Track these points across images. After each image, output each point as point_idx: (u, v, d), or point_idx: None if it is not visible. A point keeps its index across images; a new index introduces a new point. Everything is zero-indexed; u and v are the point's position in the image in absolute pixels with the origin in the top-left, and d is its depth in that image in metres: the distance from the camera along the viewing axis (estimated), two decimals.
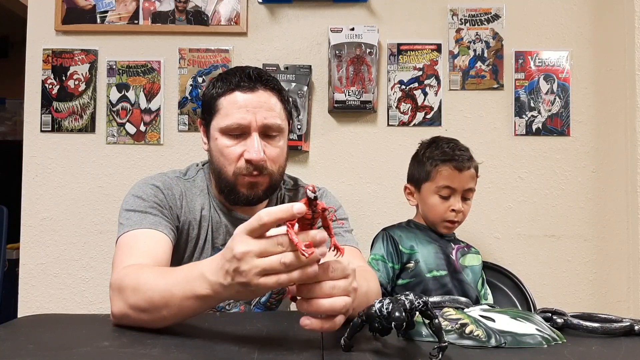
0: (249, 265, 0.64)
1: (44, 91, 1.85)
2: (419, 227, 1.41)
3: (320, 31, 1.86)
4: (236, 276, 0.65)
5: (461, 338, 0.75)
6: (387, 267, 1.32)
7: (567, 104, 1.85)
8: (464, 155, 1.35)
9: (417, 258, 1.33)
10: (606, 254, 1.84)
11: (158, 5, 1.86)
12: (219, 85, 1.11)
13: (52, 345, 0.73)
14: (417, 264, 1.32)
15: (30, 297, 1.82)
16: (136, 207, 1.05)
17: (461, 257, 1.39)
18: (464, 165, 1.33)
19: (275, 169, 1.10)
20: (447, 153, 1.35)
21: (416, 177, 1.40)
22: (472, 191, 1.37)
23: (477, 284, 1.41)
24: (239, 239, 0.66)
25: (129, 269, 0.88)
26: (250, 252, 0.64)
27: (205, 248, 1.14)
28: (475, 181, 1.37)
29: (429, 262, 1.33)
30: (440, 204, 1.34)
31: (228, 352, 0.70)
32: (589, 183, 1.85)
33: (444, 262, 1.35)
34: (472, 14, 1.86)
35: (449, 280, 1.33)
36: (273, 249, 0.64)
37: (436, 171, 1.34)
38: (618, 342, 0.78)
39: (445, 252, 1.36)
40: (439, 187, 1.33)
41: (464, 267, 1.38)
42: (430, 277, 1.32)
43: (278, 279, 0.64)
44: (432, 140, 1.42)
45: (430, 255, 1.34)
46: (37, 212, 1.83)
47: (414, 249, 1.34)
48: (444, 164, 1.34)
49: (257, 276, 0.64)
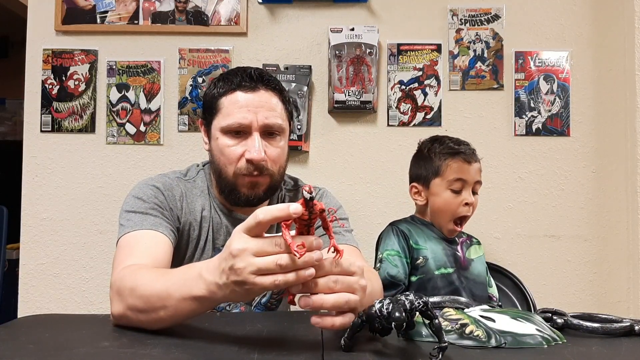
0: (244, 263, 0.64)
1: (44, 91, 1.85)
2: (424, 223, 1.40)
3: (320, 31, 1.86)
4: (231, 274, 0.65)
5: (461, 338, 0.75)
6: (403, 261, 1.30)
7: (567, 104, 1.85)
8: (470, 149, 1.36)
9: (426, 255, 1.32)
10: (606, 254, 1.84)
11: (158, 6, 1.86)
12: (221, 85, 1.11)
13: (52, 346, 0.73)
14: (427, 261, 1.32)
15: (30, 298, 1.82)
16: (137, 208, 1.05)
17: (467, 250, 1.39)
18: (472, 157, 1.34)
19: (275, 169, 1.11)
20: (454, 147, 1.35)
21: (424, 175, 1.38)
22: (480, 184, 1.37)
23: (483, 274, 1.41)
24: (236, 237, 0.66)
25: (127, 270, 0.88)
26: (247, 250, 0.64)
27: (206, 249, 1.14)
28: (480, 175, 1.37)
29: (437, 259, 1.33)
30: (453, 199, 1.33)
31: (228, 352, 0.69)
32: (589, 183, 1.85)
33: (452, 259, 1.34)
34: (472, 14, 1.86)
35: (456, 278, 1.33)
36: (270, 249, 0.64)
37: (446, 165, 1.33)
38: (618, 342, 0.78)
39: (451, 248, 1.36)
40: (451, 181, 1.33)
41: (470, 260, 1.37)
42: (439, 275, 1.31)
43: (275, 280, 0.63)
44: (434, 138, 1.42)
45: (438, 252, 1.34)
46: (37, 212, 1.83)
47: (423, 244, 1.34)
48: (453, 158, 1.33)
49: (253, 275, 0.64)
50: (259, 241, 0.64)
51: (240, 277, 0.64)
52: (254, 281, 0.64)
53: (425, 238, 1.35)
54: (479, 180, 1.36)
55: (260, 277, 0.64)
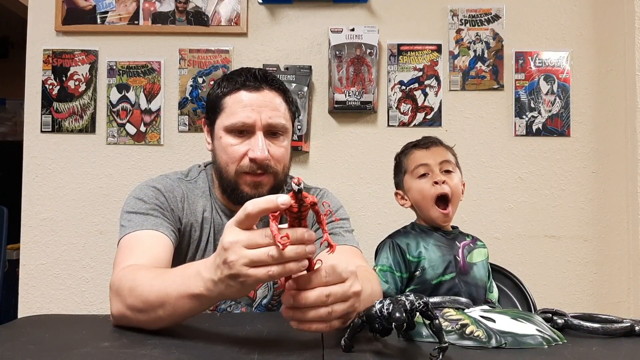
0: (236, 255, 0.64)
1: (44, 92, 1.85)
2: (423, 229, 1.39)
3: (320, 31, 1.86)
4: (224, 268, 0.66)
5: (461, 339, 0.75)
6: (395, 277, 1.30)
7: (567, 105, 1.85)
8: (430, 138, 1.38)
9: (424, 265, 1.32)
10: (606, 255, 1.84)
11: (158, 6, 1.86)
12: (225, 85, 1.11)
13: (53, 346, 0.73)
14: (424, 271, 1.31)
15: (31, 298, 1.82)
16: (137, 209, 1.05)
17: (468, 254, 1.38)
18: (429, 143, 1.35)
19: (279, 169, 1.11)
20: (411, 142, 1.39)
21: (399, 179, 1.42)
22: (451, 163, 1.34)
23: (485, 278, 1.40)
24: (227, 231, 0.67)
25: (126, 270, 0.88)
26: (238, 242, 0.64)
27: (207, 250, 1.14)
28: (450, 156, 1.36)
29: (437, 267, 1.32)
30: (424, 184, 1.33)
31: (228, 352, 0.70)
32: (589, 183, 1.85)
33: (451, 265, 1.33)
34: (472, 14, 1.86)
35: (456, 283, 1.32)
36: (261, 240, 0.64)
37: (407, 159, 1.36)
38: (618, 342, 0.78)
39: (451, 254, 1.35)
40: (415, 171, 1.34)
41: (471, 265, 1.37)
42: (437, 283, 1.31)
43: (268, 271, 0.64)
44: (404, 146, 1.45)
45: (437, 260, 1.32)
46: (37, 212, 1.83)
47: (421, 255, 1.33)
48: (411, 150, 1.37)
49: (246, 267, 0.64)
50: (250, 233, 0.65)
51: (233, 270, 0.65)
52: (247, 273, 0.64)
53: (425, 246, 1.34)
54: (446, 160, 1.34)
55: (253, 268, 0.64)
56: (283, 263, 0.64)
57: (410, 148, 1.38)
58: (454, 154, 1.39)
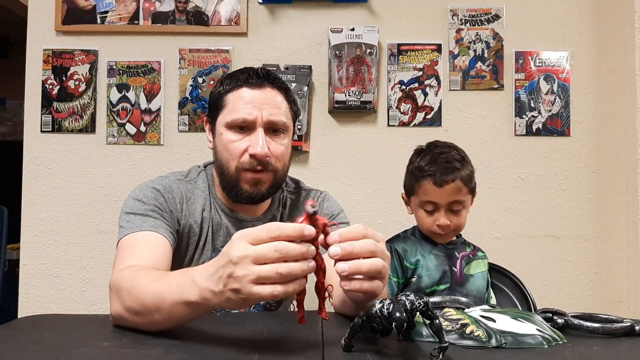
0: (244, 270, 0.63)
1: (44, 91, 1.85)
2: (423, 236, 1.38)
3: (320, 31, 1.86)
4: (230, 282, 0.65)
5: (462, 338, 0.75)
6: (391, 282, 1.30)
7: (567, 104, 1.85)
8: (447, 169, 1.26)
9: (420, 273, 1.31)
10: (606, 254, 1.84)
11: (158, 6, 1.86)
12: (227, 82, 1.12)
13: (53, 346, 0.73)
14: (420, 279, 1.31)
15: (31, 298, 1.82)
16: (136, 210, 1.05)
17: (466, 265, 1.35)
18: (444, 179, 1.25)
19: (279, 166, 1.11)
20: (426, 168, 1.28)
21: (407, 188, 1.37)
22: (461, 203, 1.29)
23: (483, 289, 1.39)
24: (236, 244, 0.65)
25: (126, 271, 0.88)
26: (248, 257, 0.63)
27: (206, 249, 1.14)
28: (464, 192, 1.28)
29: (432, 276, 1.31)
30: (426, 218, 1.30)
31: (228, 352, 0.69)
32: (589, 183, 1.85)
33: (447, 275, 1.32)
34: (472, 14, 1.86)
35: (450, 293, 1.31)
36: (270, 255, 0.63)
37: (418, 185, 1.29)
38: (618, 342, 0.78)
39: (449, 264, 1.34)
40: (422, 202, 1.29)
41: (468, 276, 1.35)
42: (431, 293, 1.30)
43: (273, 290, 0.63)
44: (422, 149, 1.35)
45: (433, 269, 1.31)
46: (37, 212, 1.83)
47: (419, 263, 1.31)
48: (424, 179, 1.27)
49: (251, 284, 0.63)
50: (259, 247, 0.64)
51: (239, 285, 0.64)
52: (251, 290, 0.64)
53: (423, 254, 1.32)
54: (457, 201, 1.27)
55: (258, 286, 0.64)
56: (290, 281, 0.64)
57: (425, 175, 1.28)
58: (470, 179, 1.30)
